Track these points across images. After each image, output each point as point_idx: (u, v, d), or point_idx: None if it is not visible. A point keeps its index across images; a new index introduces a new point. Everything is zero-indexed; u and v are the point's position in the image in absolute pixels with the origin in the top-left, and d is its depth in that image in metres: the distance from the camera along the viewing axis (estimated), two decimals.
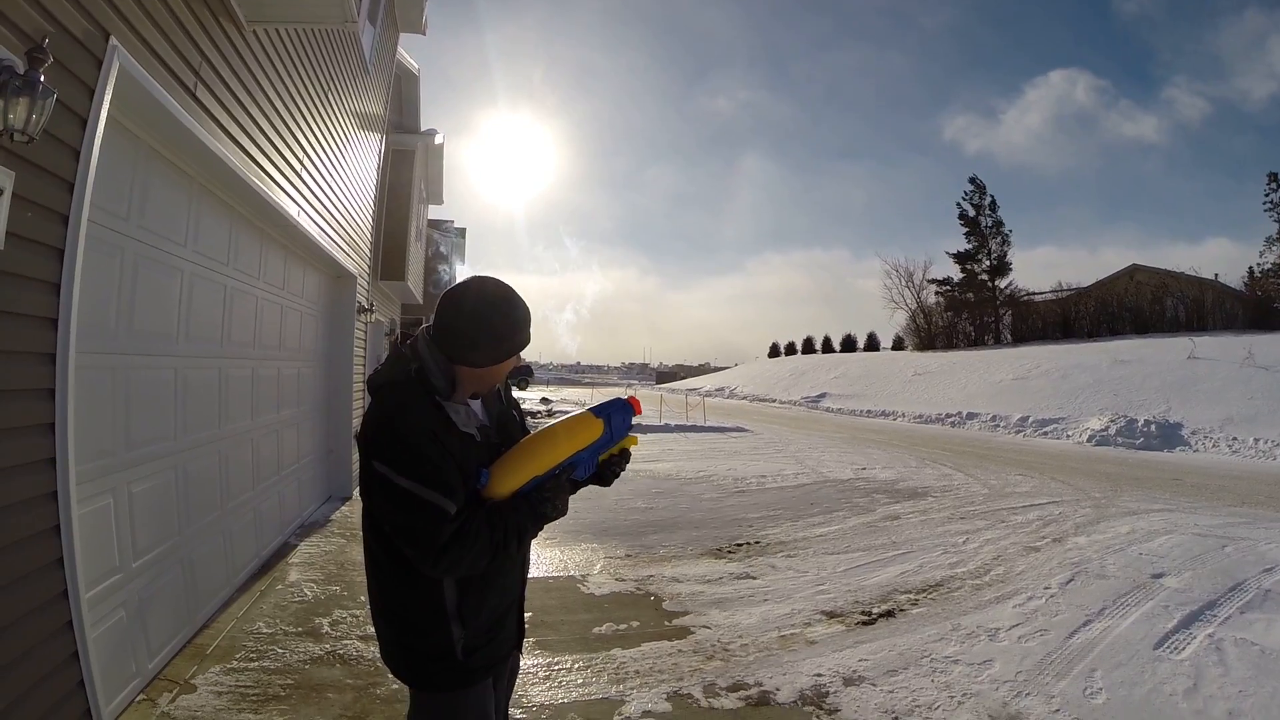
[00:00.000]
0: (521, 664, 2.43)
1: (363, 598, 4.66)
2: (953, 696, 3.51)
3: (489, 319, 1.77)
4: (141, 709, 3.14)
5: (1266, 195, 31.80)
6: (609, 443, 1.90)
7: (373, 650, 3.85)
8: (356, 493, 8.05)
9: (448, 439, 1.69)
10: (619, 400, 1.92)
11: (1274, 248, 31.29)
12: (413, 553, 1.65)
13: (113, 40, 2.60)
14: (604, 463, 1.93)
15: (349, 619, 4.31)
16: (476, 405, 1.90)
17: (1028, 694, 3.53)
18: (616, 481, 2.01)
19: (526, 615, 2.15)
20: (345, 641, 3.97)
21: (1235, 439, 14.86)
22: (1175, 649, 4.09)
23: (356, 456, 8.24)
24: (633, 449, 1.98)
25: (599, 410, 1.89)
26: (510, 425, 2.01)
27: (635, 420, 1.99)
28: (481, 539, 1.66)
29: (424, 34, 10.80)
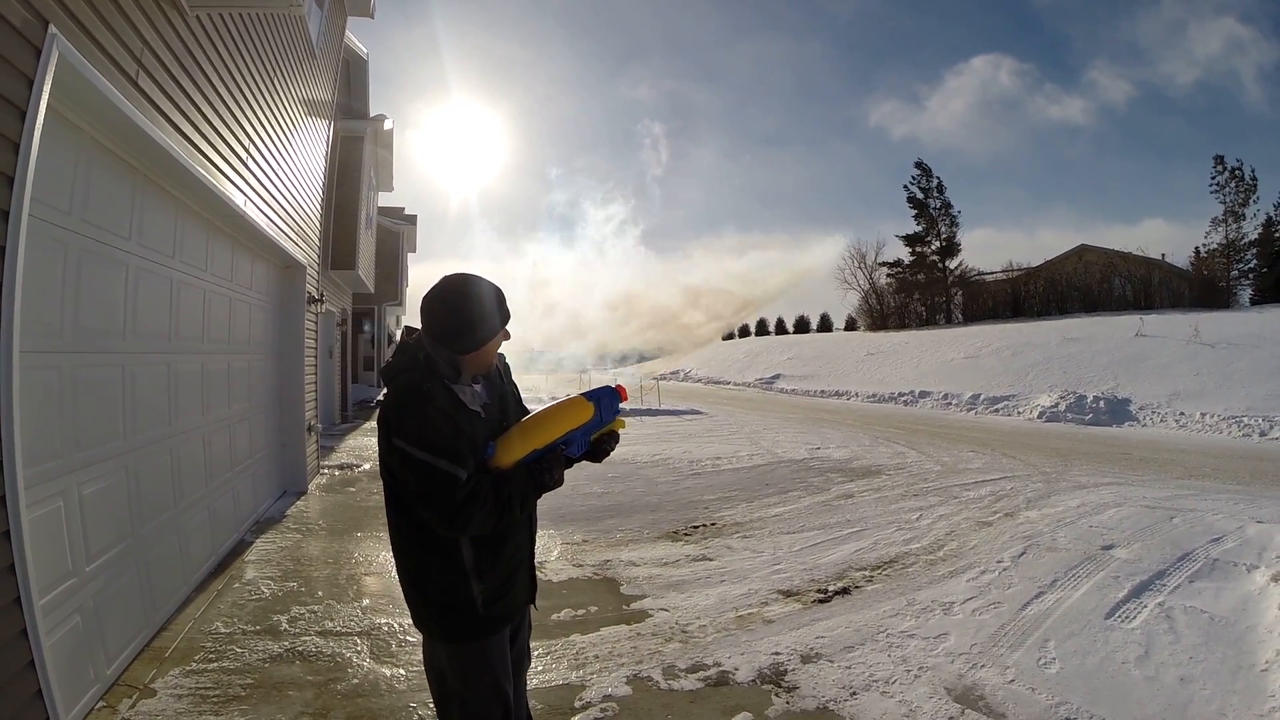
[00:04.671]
0: None
1: (320, 593, 4.64)
2: (909, 670, 3.60)
3: (462, 311, 2.02)
4: (102, 716, 3.09)
5: (1213, 178, 32.44)
6: (599, 425, 2.14)
7: (332, 646, 3.83)
8: (312, 486, 8.00)
9: (458, 416, 1.96)
10: (608, 387, 2.17)
11: (1219, 228, 32.07)
12: (431, 515, 1.92)
13: (52, 28, 2.51)
14: (595, 442, 2.17)
15: (307, 615, 4.27)
16: (480, 387, 2.15)
17: (983, 666, 3.63)
18: (578, 466, 2.23)
19: None
20: (304, 638, 3.93)
21: (1182, 414, 15.28)
22: (1126, 618, 4.20)
23: (311, 449, 8.09)
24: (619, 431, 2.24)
25: (590, 395, 2.14)
26: (509, 402, 2.29)
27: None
28: (489, 502, 1.92)
29: (372, 17, 10.60)
